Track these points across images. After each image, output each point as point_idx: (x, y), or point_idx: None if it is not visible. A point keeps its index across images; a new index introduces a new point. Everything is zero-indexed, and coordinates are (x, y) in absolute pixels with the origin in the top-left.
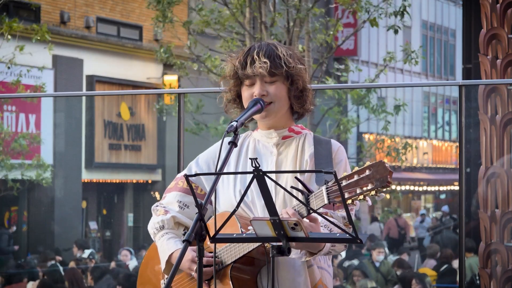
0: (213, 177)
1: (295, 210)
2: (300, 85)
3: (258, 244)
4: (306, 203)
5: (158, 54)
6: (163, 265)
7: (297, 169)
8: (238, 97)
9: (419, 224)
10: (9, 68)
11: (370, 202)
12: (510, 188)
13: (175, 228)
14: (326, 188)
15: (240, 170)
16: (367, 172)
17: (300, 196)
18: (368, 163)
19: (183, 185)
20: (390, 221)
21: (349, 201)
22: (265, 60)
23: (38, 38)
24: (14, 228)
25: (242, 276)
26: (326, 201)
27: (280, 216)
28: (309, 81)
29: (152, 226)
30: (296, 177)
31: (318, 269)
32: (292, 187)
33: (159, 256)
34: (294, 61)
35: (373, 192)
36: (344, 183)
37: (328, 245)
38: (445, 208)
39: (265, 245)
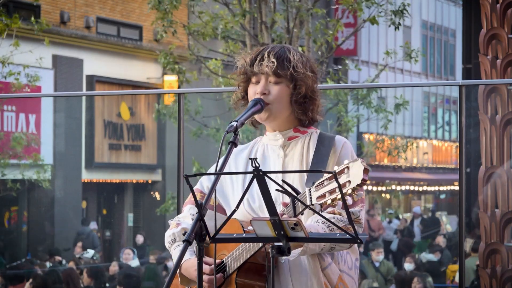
0: (226, 191)
1: (283, 214)
2: (303, 91)
3: (258, 248)
4: (293, 205)
5: (159, 59)
6: (179, 277)
7: (304, 170)
8: (246, 94)
9: (387, 225)
10: (8, 64)
11: (350, 201)
12: (510, 188)
13: None
14: (309, 190)
15: (249, 177)
16: (346, 171)
17: (287, 199)
18: (346, 162)
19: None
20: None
21: (329, 201)
22: (273, 60)
23: (40, 29)
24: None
25: (249, 282)
26: (308, 203)
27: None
28: (318, 92)
29: (166, 241)
30: (282, 180)
31: (343, 273)
32: (277, 190)
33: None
34: (304, 67)
35: (349, 191)
36: (326, 183)
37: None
38: (417, 209)
39: (267, 250)
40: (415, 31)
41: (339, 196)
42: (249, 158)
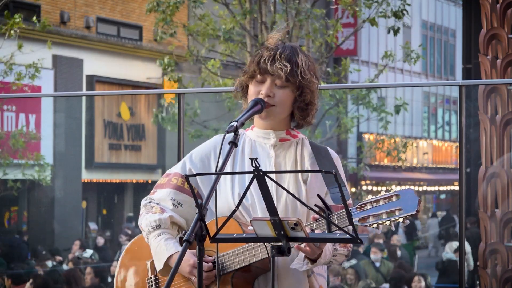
0: (209, 176)
1: (312, 229)
2: (307, 98)
3: (264, 256)
4: (328, 223)
5: (160, 62)
6: (159, 266)
7: (299, 177)
8: (247, 87)
9: (373, 228)
10: (11, 69)
11: (393, 228)
12: (510, 188)
13: (171, 228)
14: (350, 209)
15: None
16: (394, 199)
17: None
18: (394, 189)
19: (177, 183)
20: None
21: (375, 225)
22: (285, 63)
23: (40, 24)
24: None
25: (242, 283)
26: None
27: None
28: (317, 97)
29: (147, 224)
30: (318, 195)
31: (318, 276)
32: (315, 205)
33: (153, 255)
34: (309, 73)
35: (401, 219)
36: (369, 206)
37: (329, 254)
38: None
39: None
40: (415, 31)
41: (388, 222)
42: (250, 158)
